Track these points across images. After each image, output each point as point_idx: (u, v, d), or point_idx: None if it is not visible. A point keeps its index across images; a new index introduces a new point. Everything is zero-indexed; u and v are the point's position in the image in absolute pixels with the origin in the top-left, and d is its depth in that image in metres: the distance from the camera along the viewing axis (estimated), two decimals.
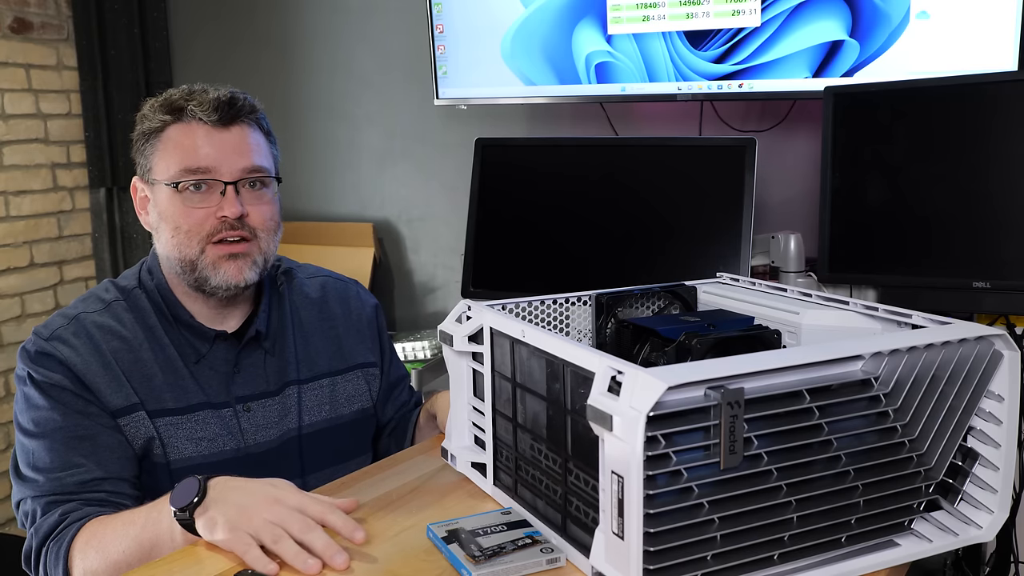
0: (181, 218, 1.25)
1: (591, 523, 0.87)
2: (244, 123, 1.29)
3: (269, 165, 1.31)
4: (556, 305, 1.19)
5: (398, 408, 1.49)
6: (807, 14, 1.94)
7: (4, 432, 2.78)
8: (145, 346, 1.26)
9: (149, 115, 1.28)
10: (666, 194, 1.77)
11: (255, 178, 1.28)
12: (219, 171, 1.25)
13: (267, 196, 1.30)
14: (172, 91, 1.29)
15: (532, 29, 2.24)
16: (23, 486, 1.20)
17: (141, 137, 1.29)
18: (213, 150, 1.25)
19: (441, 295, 2.83)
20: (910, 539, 0.92)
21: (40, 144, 2.84)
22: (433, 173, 2.77)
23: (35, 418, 1.20)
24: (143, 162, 1.29)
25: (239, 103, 1.28)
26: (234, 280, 1.26)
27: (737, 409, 0.79)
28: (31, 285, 2.83)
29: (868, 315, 1.07)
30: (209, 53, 3.06)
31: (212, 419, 1.27)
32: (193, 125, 1.26)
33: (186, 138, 1.26)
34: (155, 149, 1.27)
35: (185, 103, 1.26)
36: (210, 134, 1.26)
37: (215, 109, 1.25)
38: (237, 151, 1.27)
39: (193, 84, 1.29)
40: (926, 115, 1.60)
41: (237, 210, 1.25)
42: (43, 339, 1.23)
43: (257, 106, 1.32)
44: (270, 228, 1.30)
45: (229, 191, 1.25)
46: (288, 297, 1.40)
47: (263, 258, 1.29)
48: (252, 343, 1.33)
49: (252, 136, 1.30)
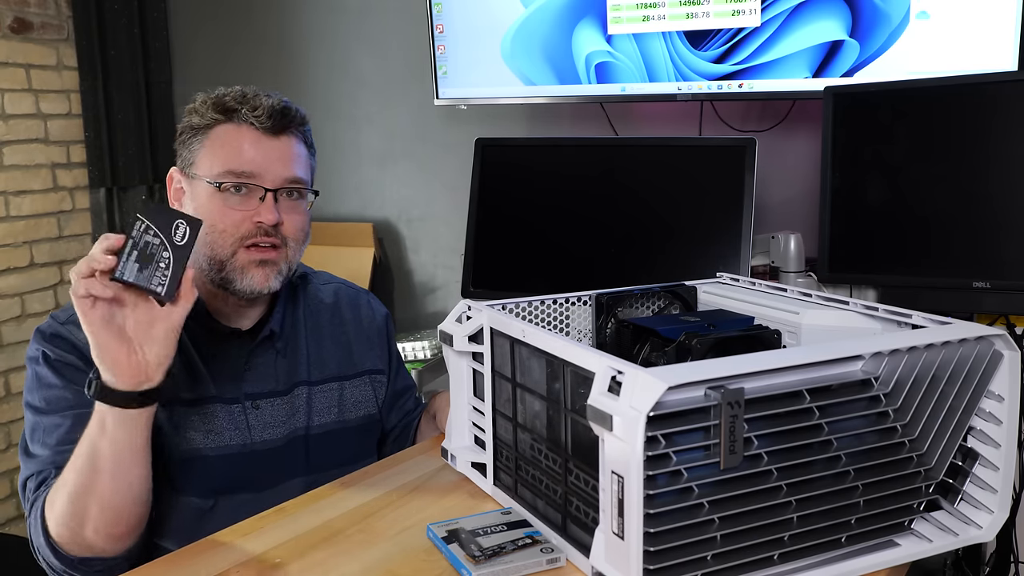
0: (218, 217, 1.26)
1: (591, 523, 0.87)
2: (293, 134, 1.31)
3: (308, 178, 1.33)
4: (556, 305, 1.19)
5: (402, 416, 1.49)
6: (807, 14, 1.94)
7: (4, 432, 2.78)
8: None
9: (201, 110, 1.29)
10: (666, 194, 1.77)
11: (294, 188, 1.30)
12: (262, 177, 1.26)
13: (302, 207, 1.32)
14: (224, 90, 1.30)
15: (532, 29, 2.24)
16: (28, 463, 1.20)
17: (188, 130, 1.30)
18: (260, 156, 1.27)
19: (441, 295, 2.83)
20: (910, 539, 0.92)
21: (40, 144, 2.84)
22: (433, 173, 2.77)
23: (46, 396, 1.21)
24: (186, 155, 1.30)
25: (291, 113, 1.30)
26: (259, 287, 1.27)
27: (737, 409, 0.79)
28: (31, 285, 2.83)
29: (868, 315, 1.07)
30: (209, 53, 3.06)
31: (221, 413, 1.28)
32: (243, 128, 1.27)
33: (234, 140, 1.27)
34: (201, 145, 1.28)
35: (239, 106, 1.27)
36: (259, 140, 1.27)
37: (269, 116, 1.27)
38: (282, 160, 1.28)
39: (246, 87, 1.30)
40: (926, 115, 1.60)
41: (274, 217, 1.26)
42: (59, 323, 1.24)
43: (307, 118, 1.34)
44: (300, 239, 1.32)
45: (268, 198, 1.26)
46: (303, 301, 1.42)
47: (288, 266, 1.31)
48: (265, 342, 1.34)
49: (297, 147, 1.31)
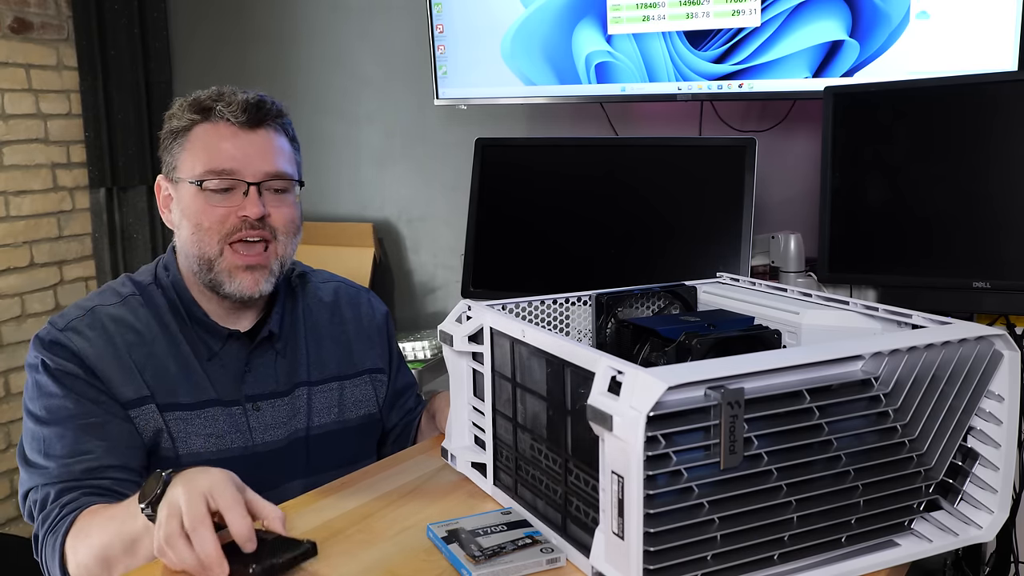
0: (202, 215, 1.26)
1: (591, 523, 0.87)
2: (270, 127, 1.30)
3: (292, 170, 1.32)
4: (556, 305, 1.19)
5: (403, 415, 1.49)
6: (807, 14, 1.94)
7: (4, 432, 2.78)
8: (160, 340, 1.27)
9: (178, 114, 1.29)
10: (666, 194, 1.77)
11: (278, 182, 1.29)
12: (243, 172, 1.26)
13: (289, 199, 1.31)
14: (200, 92, 1.30)
15: (532, 29, 2.24)
16: (31, 474, 1.19)
17: (168, 136, 1.30)
18: (239, 151, 1.26)
19: (441, 295, 2.83)
20: (910, 539, 0.92)
21: (40, 144, 2.84)
22: (433, 173, 2.77)
23: (47, 405, 1.20)
24: (169, 160, 1.30)
25: (267, 106, 1.29)
26: (249, 291, 1.28)
27: (737, 409, 0.79)
28: (31, 285, 2.83)
29: (868, 315, 1.07)
30: (209, 52, 3.06)
31: (222, 416, 1.28)
32: (220, 125, 1.27)
33: (212, 138, 1.27)
34: (182, 148, 1.28)
35: (213, 104, 1.27)
36: (236, 135, 1.27)
37: (243, 111, 1.27)
38: (262, 154, 1.28)
39: (222, 86, 1.30)
40: (926, 115, 1.60)
41: (258, 210, 1.26)
42: (58, 329, 1.24)
43: (284, 111, 1.33)
44: (290, 231, 1.31)
45: (252, 191, 1.26)
46: (302, 300, 1.42)
47: (279, 263, 1.30)
48: (264, 343, 1.34)
49: (277, 140, 1.31)
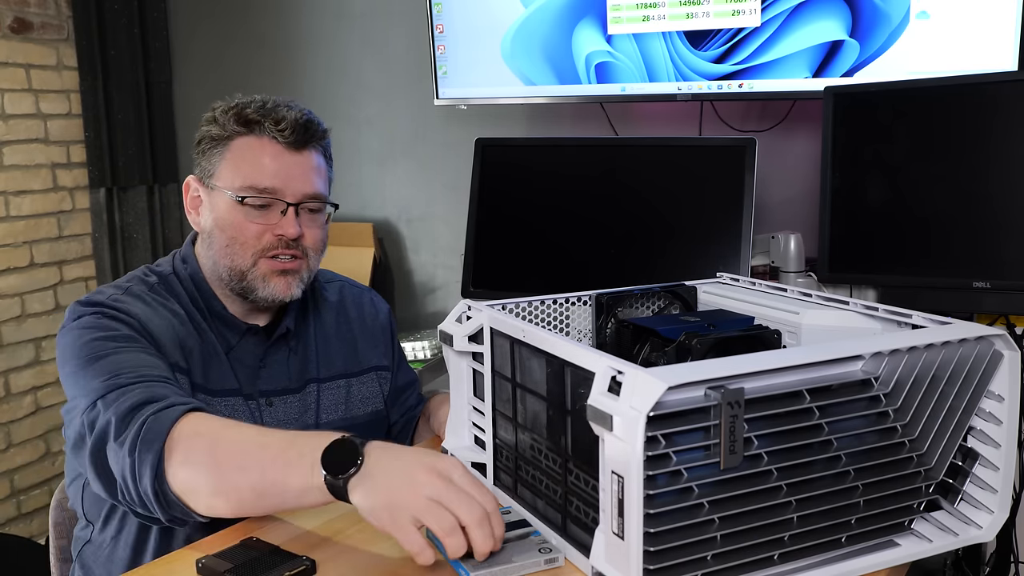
0: (239, 230, 1.26)
1: (591, 523, 0.87)
2: (314, 148, 1.31)
3: (327, 191, 1.34)
4: (556, 305, 1.19)
5: (404, 412, 1.50)
6: (807, 14, 1.94)
7: (4, 432, 2.78)
8: (189, 325, 1.27)
9: (221, 120, 1.28)
10: (666, 194, 1.77)
11: (314, 203, 1.30)
12: (283, 192, 1.27)
13: (321, 220, 1.33)
14: (244, 100, 1.29)
15: (532, 29, 2.24)
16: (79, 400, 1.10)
17: (207, 140, 1.29)
18: (282, 171, 1.26)
19: (441, 295, 2.83)
20: (910, 539, 0.92)
21: (40, 144, 2.84)
22: (433, 173, 2.77)
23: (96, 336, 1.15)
24: (205, 165, 1.29)
25: (313, 127, 1.29)
26: (282, 295, 1.29)
27: (737, 409, 0.79)
28: (31, 285, 2.83)
29: (868, 315, 1.07)
30: (209, 53, 3.05)
31: (240, 407, 1.29)
32: (264, 141, 1.27)
33: (255, 154, 1.26)
34: (222, 157, 1.28)
35: (261, 118, 1.26)
36: (281, 154, 1.27)
37: (292, 131, 1.26)
38: (303, 176, 1.28)
39: (266, 98, 1.29)
40: (926, 115, 1.60)
41: (295, 231, 1.27)
42: (103, 297, 1.22)
43: (328, 132, 1.33)
44: (319, 249, 1.33)
45: (290, 212, 1.27)
46: (309, 299, 1.42)
47: (308, 274, 1.32)
48: (280, 340, 1.35)
49: (318, 161, 1.31)
